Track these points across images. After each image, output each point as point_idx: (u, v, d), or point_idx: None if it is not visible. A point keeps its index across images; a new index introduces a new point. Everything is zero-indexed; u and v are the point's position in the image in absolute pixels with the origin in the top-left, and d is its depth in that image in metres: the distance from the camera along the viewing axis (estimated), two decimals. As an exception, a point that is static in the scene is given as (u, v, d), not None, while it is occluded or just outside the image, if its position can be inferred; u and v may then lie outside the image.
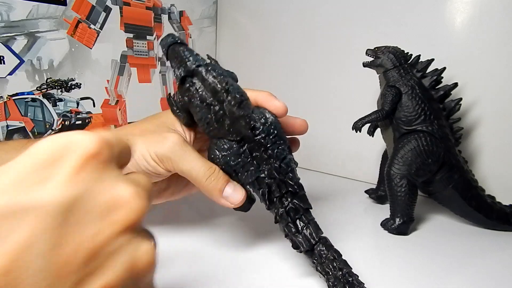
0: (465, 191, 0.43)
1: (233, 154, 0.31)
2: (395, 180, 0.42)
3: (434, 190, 0.44)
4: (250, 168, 0.31)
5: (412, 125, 0.43)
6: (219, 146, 0.31)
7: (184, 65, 0.30)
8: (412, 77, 0.43)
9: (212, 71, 0.30)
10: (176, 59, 0.31)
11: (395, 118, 0.44)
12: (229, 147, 0.30)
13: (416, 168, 0.41)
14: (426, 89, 0.43)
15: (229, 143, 0.30)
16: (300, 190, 0.31)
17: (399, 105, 0.43)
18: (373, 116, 0.44)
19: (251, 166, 0.31)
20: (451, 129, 0.44)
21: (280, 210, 0.30)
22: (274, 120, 0.31)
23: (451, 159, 0.42)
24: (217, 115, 0.29)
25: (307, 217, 0.31)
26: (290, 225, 0.30)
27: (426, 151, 0.41)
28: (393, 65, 0.44)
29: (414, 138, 0.42)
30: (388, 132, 0.46)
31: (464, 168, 0.43)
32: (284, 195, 0.31)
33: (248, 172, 0.31)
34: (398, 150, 0.42)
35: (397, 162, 0.42)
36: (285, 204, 0.30)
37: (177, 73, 0.31)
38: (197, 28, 0.71)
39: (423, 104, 0.42)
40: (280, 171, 0.31)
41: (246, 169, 0.31)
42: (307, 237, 0.30)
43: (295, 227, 0.30)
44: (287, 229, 0.30)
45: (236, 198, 0.31)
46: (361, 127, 0.44)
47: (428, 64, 0.44)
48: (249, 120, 0.30)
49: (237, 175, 0.31)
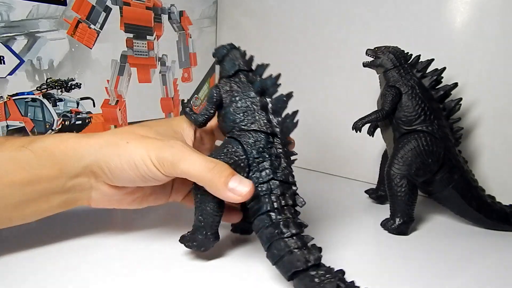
0: (465, 191, 0.43)
1: (256, 147, 0.31)
2: (395, 180, 0.42)
3: (434, 190, 0.44)
4: (265, 166, 0.31)
5: (412, 125, 0.43)
6: (245, 138, 0.32)
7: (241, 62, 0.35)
8: (412, 77, 0.43)
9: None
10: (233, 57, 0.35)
11: (395, 118, 0.44)
12: (255, 140, 0.31)
13: (416, 168, 0.41)
14: (426, 89, 0.43)
15: (256, 136, 0.32)
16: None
17: (399, 105, 0.43)
18: (373, 116, 0.44)
19: (267, 164, 0.31)
20: (451, 129, 0.44)
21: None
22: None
23: (451, 159, 0.42)
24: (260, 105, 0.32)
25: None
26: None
27: (426, 151, 0.41)
28: (393, 65, 0.44)
29: (414, 138, 0.42)
30: (388, 132, 0.46)
31: (464, 168, 0.43)
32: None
33: (263, 171, 0.31)
34: (398, 150, 0.42)
35: (397, 162, 0.42)
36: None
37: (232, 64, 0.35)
38: (197, 28, 0.71)
39: (423, 104, 0.42)
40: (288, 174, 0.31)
41: (261, 168, 0.31)
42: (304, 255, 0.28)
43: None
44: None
45: (243, 190, 0.29)
46: (361, 127, 0.44)
47: (428, 64, 0.44)
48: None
49: (251, 171, 0.31)
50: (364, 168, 0.60)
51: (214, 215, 0.31)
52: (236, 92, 0.33)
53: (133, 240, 0.37)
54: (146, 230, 0.39)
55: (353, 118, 0.45)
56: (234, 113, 0.33)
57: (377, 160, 0.51)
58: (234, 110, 0.33)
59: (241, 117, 0.32)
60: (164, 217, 0.43)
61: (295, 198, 0.31)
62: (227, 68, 0.35)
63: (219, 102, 0.34)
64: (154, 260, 0.33)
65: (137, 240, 0.37)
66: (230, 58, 0.35)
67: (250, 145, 0.31)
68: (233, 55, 0.35)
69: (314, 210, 0.32)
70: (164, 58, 0.66)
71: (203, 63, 0.74)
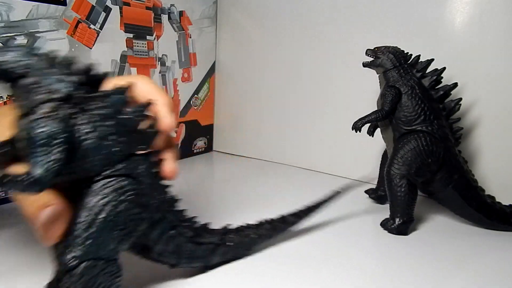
0: (465, 191, 0.43)
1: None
2: (395, 180, 0.42)
3: (434, 190, 0.44)
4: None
5: (412, 125, 0.43)
6: None
7: None
8: (412, 77, 0.43)
9: None
10: None
11: (395, 118, 0.44)
12: None
13: (416, 168, 0.41)
14: (426, 89, 0.43)
15: None
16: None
17: (399, 105, 0.43)
18: (373, 116, 0.44)
19: None
20: (450, 129, 0.44)
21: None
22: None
23: (451, 159, 0.42)
24: None
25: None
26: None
27: (426, 151, 0.41)
28: (392, 65, 0.44)
29: (413, 138, 0.42)
30: (388, 132, 0.46)
31: (464, 168, 0.43)
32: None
33: None
34: (398, 150, 0.42)
35: (396, 162, 0.42)
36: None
37: None
38: (197, 28, 0.71)
39: (423, 104, 0.42)
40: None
41: None
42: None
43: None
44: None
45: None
46: (361, 127, 0.44)
47: (428, 64, 0.44)
48: None
49: None
50: (364, 168, 0.60)
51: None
52: None
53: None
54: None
55: (352, 118, 0.45)
56: None
57: (377, 160, 0.51)
58: None
59: None
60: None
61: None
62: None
63: None
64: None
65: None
66: None
67: None
68: None
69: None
70: (164, 58, 0.65)
71: (203, 63, 0.73)
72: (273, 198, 0.52)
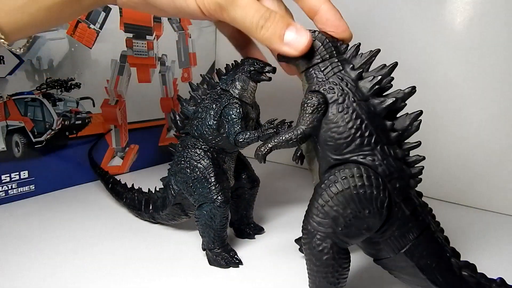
0: (426, 258, 0.27)
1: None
2: (313, 241, 0.26)
3: (378, 255, 0.28)
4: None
5: (343, 153, 0.27)
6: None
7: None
8: (344, 78, 0.28)
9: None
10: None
11: (319, 140, 0.28)
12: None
13: (345, 225, 0.26)
14: (365, 96, 0.27)
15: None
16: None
17: (324, 120, 0.28)
18: (283, 137, 0.28)
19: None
20: (404, 160, 0.28)
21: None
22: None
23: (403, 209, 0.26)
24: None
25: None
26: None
27: (361, 197, 0.26)
28: (320, 59, 0.29)
29: (344, 175, 0.26)
30: (314, 162, 0.30)
31: (425, 221, 0.27)
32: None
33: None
34: (319, 194, 0.27)
35: (316, 212, 0.26)
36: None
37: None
38: (197, 28, 0.71)
39: (359, 120, 0.27)
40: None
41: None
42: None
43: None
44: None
45: (301, 42, 0.27)
46: (265, 156, 0.29)
47: (371, 57, 0.28)
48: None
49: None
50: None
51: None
52: None
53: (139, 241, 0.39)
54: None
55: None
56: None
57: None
58: None
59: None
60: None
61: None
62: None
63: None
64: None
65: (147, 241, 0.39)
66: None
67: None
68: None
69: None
70: (163, 58, 0.66)
71: (203, 63, 0.73)
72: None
